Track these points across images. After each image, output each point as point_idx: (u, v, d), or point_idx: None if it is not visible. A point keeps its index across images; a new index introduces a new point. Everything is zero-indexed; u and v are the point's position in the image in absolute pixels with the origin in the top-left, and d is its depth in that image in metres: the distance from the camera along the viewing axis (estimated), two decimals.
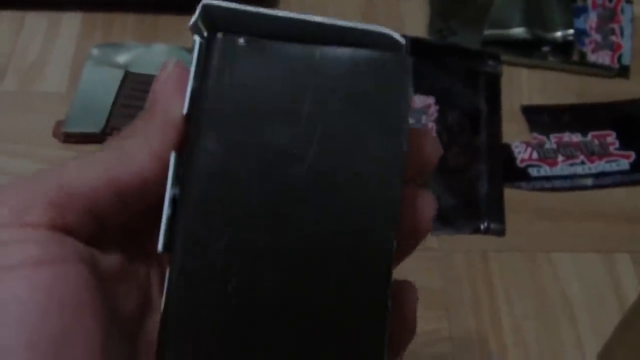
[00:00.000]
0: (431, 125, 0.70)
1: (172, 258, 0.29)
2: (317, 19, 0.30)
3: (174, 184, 0.30)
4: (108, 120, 0.67)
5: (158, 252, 0.29)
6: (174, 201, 0.30)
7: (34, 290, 0.27)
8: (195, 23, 0.30)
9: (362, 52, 0.30)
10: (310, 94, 0.30)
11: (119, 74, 0.71)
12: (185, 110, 0.30)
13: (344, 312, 0.29)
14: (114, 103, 0.69)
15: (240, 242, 0.29)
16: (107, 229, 0.30)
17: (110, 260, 0.30)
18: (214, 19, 0.30)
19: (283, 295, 0.29)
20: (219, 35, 0.30)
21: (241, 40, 0.30)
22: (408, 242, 0.32)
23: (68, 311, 0.27)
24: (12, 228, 0.27)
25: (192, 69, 0.30)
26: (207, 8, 0.30)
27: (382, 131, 0.30)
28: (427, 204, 0.32)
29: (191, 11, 0.30)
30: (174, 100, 0.31)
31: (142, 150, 0.30)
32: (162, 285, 0.30)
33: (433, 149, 0.32)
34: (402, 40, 0.30)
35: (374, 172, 0.30)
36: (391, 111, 0.30)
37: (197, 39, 0.31)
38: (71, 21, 0.77)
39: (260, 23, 0.30)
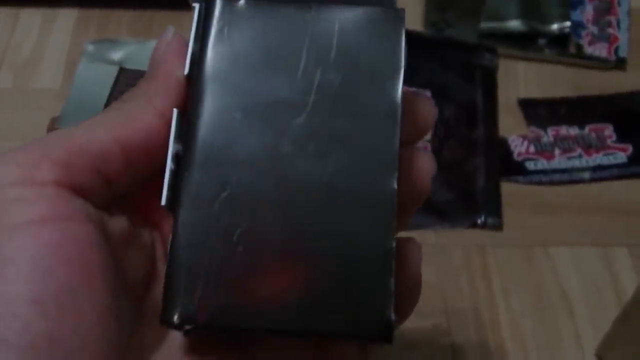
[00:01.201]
0: None
1: (176, 212, 0.30)
2: None
3: (176, 140, 0.30)
4: None
5: (161, 205, 0.29)
6: (177, 157, 0.30)
7: (40, 246, 0.27)
8: None
9: (356, 9, 0.31)
10: (307, 49, 0.31)
11: (113, 71, 0.71)
12: (186, 71, 0.31)
13: (349, 258, 0.29)
14: (108, 99, 0.68)
15: (244, 193, 0.30)
16: (115, 192, 0.30)
17: (118, 224, 0.31)
18: None
19: (288, 243, 0.29)
20: None
21: (240, 2, 0.31)
22: (408, 203, 0.32)
23: (75, 268, 0.27)
24: (20, 186, 0.28)
25: (192, 32, 0.32)
26: None
27: (377, 83, 0.31)
28: (426, 162, 0.32)
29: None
30: (175, 62, 0.31)
31: (146, 110, 0.31)
32: (166, 252, 0.30)
33: (428, 110, 0.33)
34: None
35: (371, 122, 0.30)
36: (385, 64, 0.31)
37: (196, 5, 0.32)
38: (66, 17, 0.77)
39: None
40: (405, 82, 0.31)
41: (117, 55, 0.72)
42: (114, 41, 0.74)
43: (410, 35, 0.73)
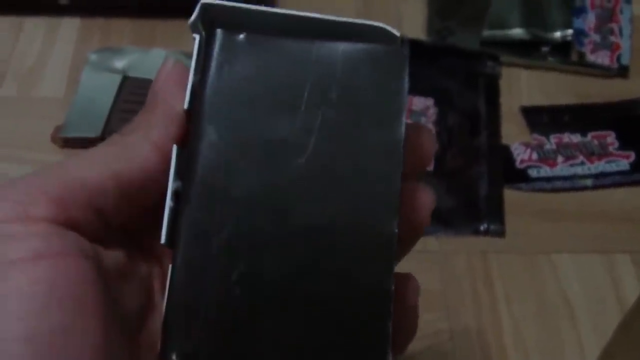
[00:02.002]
0: (431, 126, 0.69)
1: (175, 250, 0.29)
2: (314, 15, 0.31)
3: (176, 177, 0.30)
4: (106, 125, 0.67)
5: (161, 243, 0.29)
6: (176, 194, 0.30)
7: (34, 283, 0.26)
8: (195, 22, 0.31)
9: (358, 46, 0.31)
10: (308, 86, 0.30)
11: (117, 79, 0.71)
12: (186, 105, 0.31)
13: (348, 300, 0.29)
14: (112, 108, 0.68)
15: (243, 233, 0.29)
16: (111, 226, 0.30)
17: (114, 258, 0.30)
18: (212, 18, 0.31)
19: (286, 285, 0.29)
20: (219, 31, 0.31)
21: (240, 36, 0.31)
22: (407, 237, 0.32)
23: (69, 305, 0.27)
24: (14, 222, 0.28)
25: (193, 64, 0.31)
26: (206, 7, 0.31)
27: (379, 122, 0.30)
28: (426, 198, 0.32)
29: (190, 16, 0.31)
30: (174, 95, 0.31)
31: (144, 144, 0.30)
32: (164, 285, 0.30)
33: (429, 143, 0.33)
34: (397, 33, 0.31)
35: (373, 162, 0.30)
36: (388, 103, 0.31)
37: (196, 37, 0.31)
38: (69, 26, 0.77)
39: (258, 20, 0.31)
40: (409, 90, 0.31)
41: (120, 63, 0.73)
42: (117, 50, 0.74)
43: (414, 43, 0.74)
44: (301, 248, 0.29)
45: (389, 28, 0.31)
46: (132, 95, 0.70)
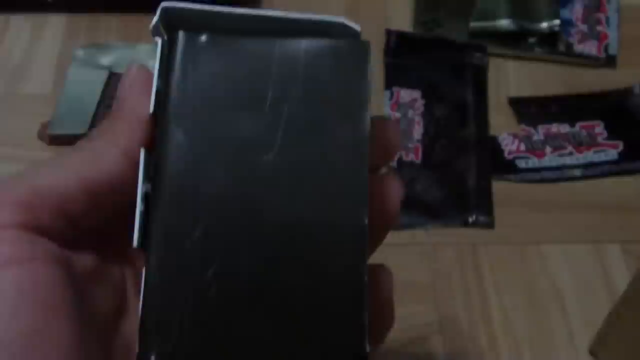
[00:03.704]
0: (418, 119, 0.69)
1: (148, 253, 0.29)
2: (274, 13, 0.31)
3: (145, 180, 0.30)
4: (93, 122, 0.67)
5: (133, 247, 0.29)
6: (146, 197, 0.30)
7: (4, 288, 0.27)
8: (156, 25, 0.31)
9: (320, 42, 0.31)
10: (272, 83, 0.30)
11: (103, 75, 0.71)
12: (151, 109, 0.31)
13: (323, 293, 0.29)
14: (99, 104, 0.68)
15: (215, 232, 0.29)
16: (81, 230, 0.30)
17: (85, 262, 0.30)
18: (174, 20, 0.31)
19: (261, 281, 0.29)
20: (180, 33, 0.31)
21: (202, 38, 0.31)
22: (379, 228, 0.32)
23: (39, 310, 0.27)
24: None
25: (156, 68, 0.31)
26: (166, 10, 0.31)
27: (344, 115, 0.31)
28: (395, 188, 0.32)
29: None
30: (140, 100, 0.31)
31: (111, 149, 0.30)
32: (138, 287, 0.30)
33: (395, 135, 0.33)
34: (358, 28, 0.31)
35: (339, 155, 0.30)
36: (352, 96, 0.31)
37: (159, 40, 0.31)
38: (56, 23, 0.77)
39: (219, 21, 0.31)
40: (396, 82, 0.31)
41: (107, 59, 0.72)
42: (103, 46, 0.74)
43: (401, 35, 0.74)
44: (274, 244, 0.30)
45: (349, 23, 0.31)
46: None
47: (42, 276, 0.27)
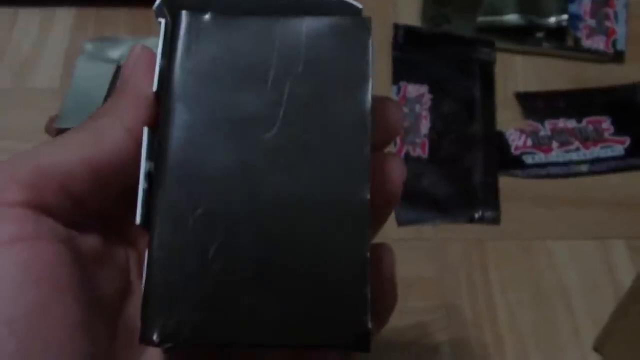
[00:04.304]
0: (425, 114, 0.69)
1: (151, 230, 0.30)
2: None
3: (148, 159, 0.30)
4: None
5: (136, 224, 0.30)
6: (149, 175, 0.30)
7: (10, 266, 0.27)
8: (160, 6, 0.32)
9: (322, 19, 0.32)
10: (274, 61, 0.31)
11: (112, 69, 0.71)
12: (155, 87, 0.31)
13: (325, 268, 0.30)
14: (106, 98, 0.68)
15: (218, 209, 0.30)
16: (85, 210, 0.30)
17: (90, 242, 0.31)
18: (177, 1, 0.31)
19: (264, 258, 0.30)
20: (183, 12, 0.31)
21: (205, 17, 0.31)
22: (381, 207, 0.32)
23: (44, 287, 0.27)
24: None
25: (159, 47, 0.31)
26: None
27: (346, 92, 0.31)
28: (397, 166, 0.33)
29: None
30: (143, 78, 0.31)
31: (115, 128, 0.31)
32: (141, 269, 0.31)
33: (396, 114, 0.33)
34: (359, 5, 0.32)
35: (341, 131, 0.31)
36: (354, 72, 0.31)
37: (162, 21, 0.32)
38: (64, 16, 0.77)
39: (221, 1, 0.31)
40: (403, 77, 0.32)
41: (115, 53, 0.72)
42: (112, 39, 0.74)
43: (408, 30, 0.74)
44: (276, 220, 0.30)
45: (350, 0, 0.31)
46: None
47: (47, 254, 0.28)
